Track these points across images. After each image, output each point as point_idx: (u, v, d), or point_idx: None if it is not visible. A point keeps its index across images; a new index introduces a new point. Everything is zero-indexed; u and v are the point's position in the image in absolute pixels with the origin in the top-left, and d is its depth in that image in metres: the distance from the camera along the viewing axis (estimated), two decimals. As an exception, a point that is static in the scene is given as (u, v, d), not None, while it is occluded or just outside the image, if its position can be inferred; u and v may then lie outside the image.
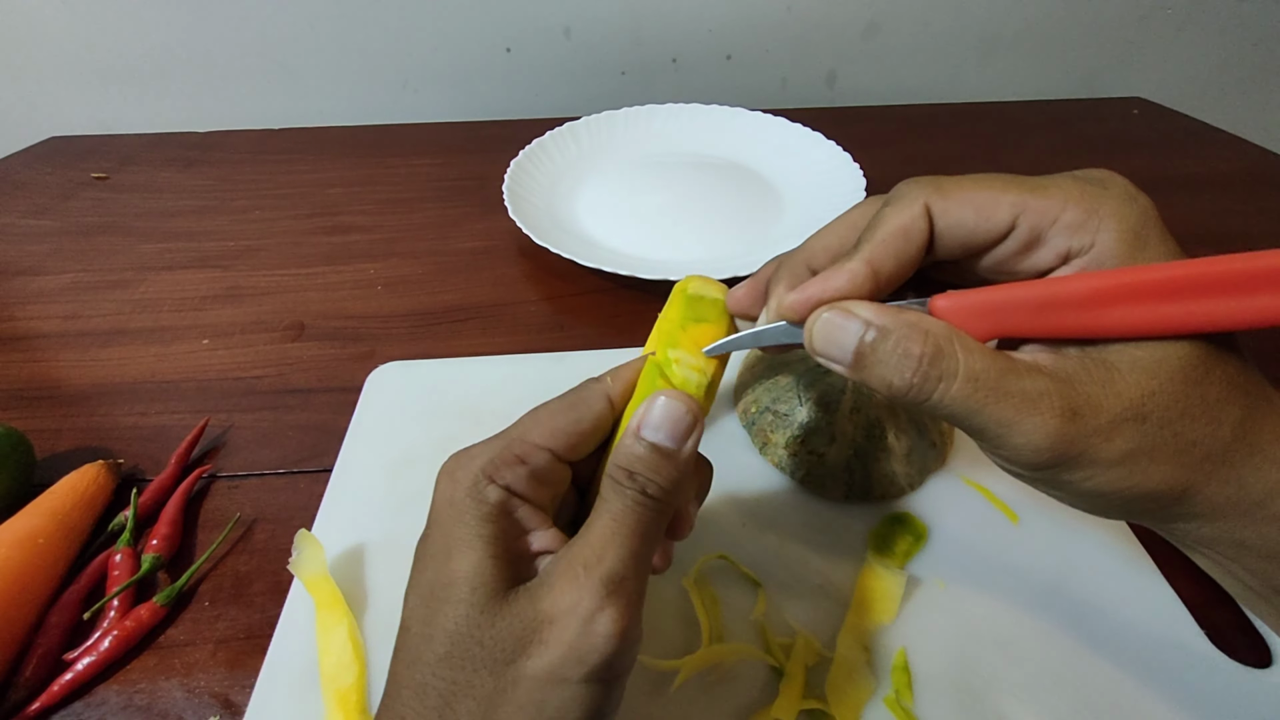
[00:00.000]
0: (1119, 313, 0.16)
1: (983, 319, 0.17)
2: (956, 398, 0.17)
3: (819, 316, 0.18)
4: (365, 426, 0.35)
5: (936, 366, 0.17)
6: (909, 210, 0.18)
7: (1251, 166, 0.62)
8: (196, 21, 0.68)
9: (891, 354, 0.17)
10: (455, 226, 0.55)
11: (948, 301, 0.18)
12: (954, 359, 0.17)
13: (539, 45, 0.72)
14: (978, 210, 0.18)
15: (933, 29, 0.74)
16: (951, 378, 0.17)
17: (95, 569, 0.30)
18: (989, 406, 0.16)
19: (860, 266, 0.18)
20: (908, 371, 0.17)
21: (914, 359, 0.17)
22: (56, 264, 0.51)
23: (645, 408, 0.19)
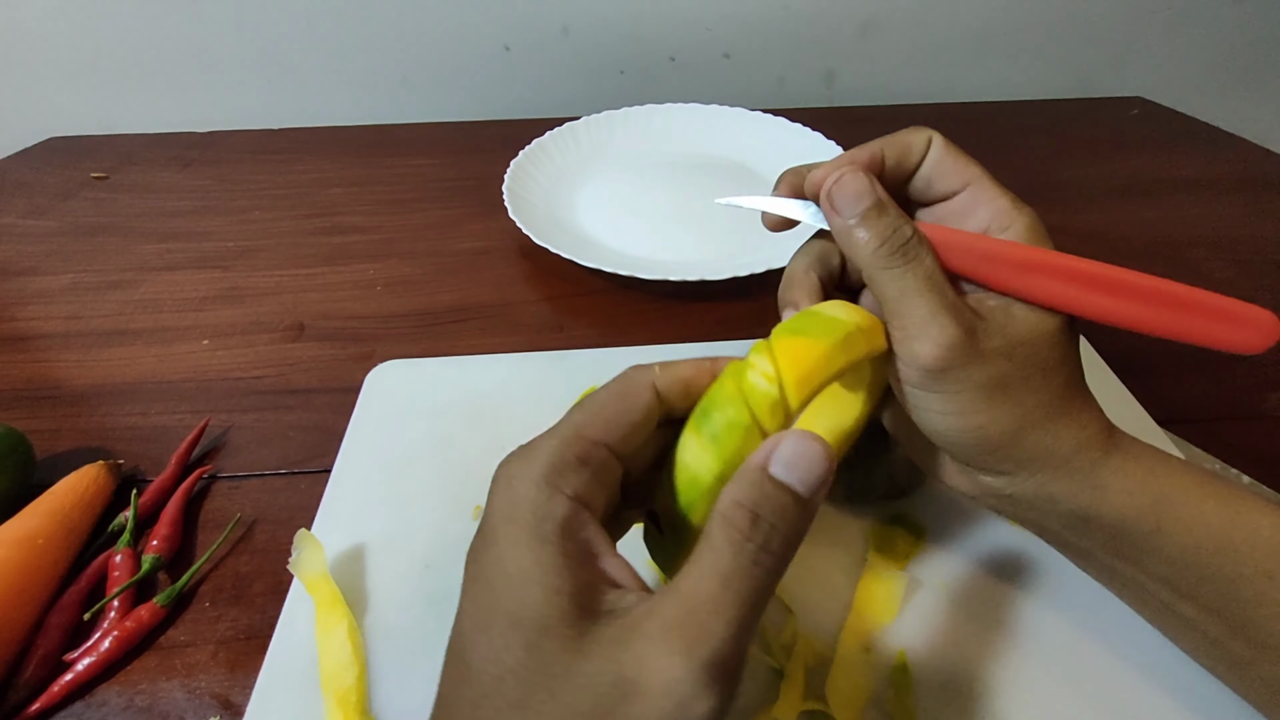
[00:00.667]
0: (1029, 279, 0.21)
1: (950, 254, 0.22)
2: (914, 276, 0.21)
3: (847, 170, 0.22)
4: (365, 426, 0.36)
5: (916, 250, 0.21)
6: (919, 135, 0.23)
7: (1250, 166, 0.62)
8: (195, 21, 0.68)
9: (890, 225, 0.21)
10: (455, 226, 0.55)
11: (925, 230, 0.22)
12: (927, 251, 0.21)
13: (538, 44, 0.72)
14: (952, 166, 0.23)
15: (930, 28, 0.74)
16: (920, 263, 0.21)
17: (95, 570, 0.30)
18: (926, 295, 0.20)
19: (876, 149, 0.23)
20: (897, 241, 0.21)
21: (904, 235, 0.21)
22: (56, 264, 0.51)
23: (773, 443, 0.17)
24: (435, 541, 0.30)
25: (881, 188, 0.22)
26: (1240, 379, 0.40)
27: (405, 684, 0.25)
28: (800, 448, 0.17)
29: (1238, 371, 0.40)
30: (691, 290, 0.46)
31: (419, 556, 0.29)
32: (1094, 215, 0.55)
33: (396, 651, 0.26)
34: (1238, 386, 0.39)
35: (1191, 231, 0.53)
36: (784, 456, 0.17)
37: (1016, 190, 0.23)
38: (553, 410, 0.36)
